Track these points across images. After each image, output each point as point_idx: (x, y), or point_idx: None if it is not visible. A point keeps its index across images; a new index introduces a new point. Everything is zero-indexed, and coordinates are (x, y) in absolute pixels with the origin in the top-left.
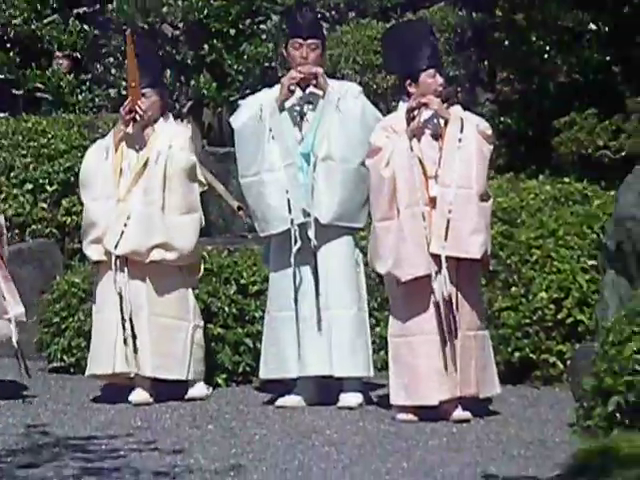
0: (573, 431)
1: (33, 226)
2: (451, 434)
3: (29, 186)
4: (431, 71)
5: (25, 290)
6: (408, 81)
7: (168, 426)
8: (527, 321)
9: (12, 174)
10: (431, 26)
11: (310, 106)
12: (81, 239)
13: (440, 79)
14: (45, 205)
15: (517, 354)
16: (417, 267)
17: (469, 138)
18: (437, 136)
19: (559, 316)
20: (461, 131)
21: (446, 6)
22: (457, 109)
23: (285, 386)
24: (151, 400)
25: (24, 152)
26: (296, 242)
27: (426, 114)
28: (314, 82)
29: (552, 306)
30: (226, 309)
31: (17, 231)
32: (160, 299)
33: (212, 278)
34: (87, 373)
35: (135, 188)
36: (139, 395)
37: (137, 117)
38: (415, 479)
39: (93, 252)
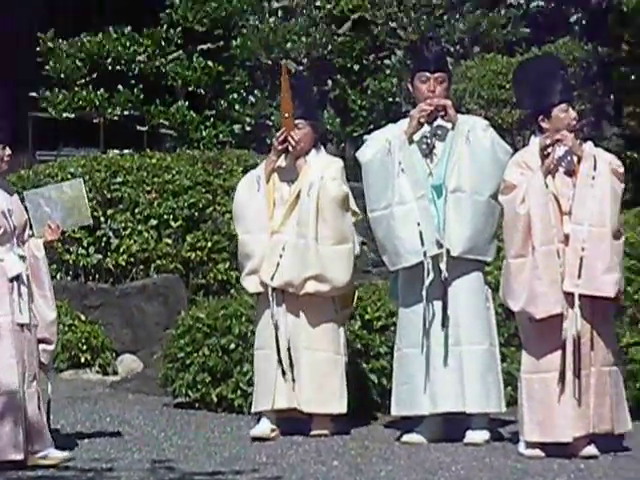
0: None
1: (158, 262)
2: (579, 470)
3: (153, 222)
4: (563, 105)
5: (150, 325)
6: (541, 116)
7: (293, 462)
8: None
9: (137, 210)
10: (562, 61)
11: (438, 138)
12: (239, 269)
13: (573, 113)
14: (169, 241)
15: None
16: (552, 305)
17: (602, 176)
18: (570, 172)
19: None
20: (594, 168)
21: (571, 41)
22: (589, 145)
23: (411, 422)
24: (273, 435)
25: (148, 188)
26: (428, 275)
27: (560, 150)
28: (442, 114)
29: None
30: (351, 344)
31: (142, 267)
32: (315, 332)
33: None
34: (252, 410)
35: (288, 220)
36: (261, 429)
37: (290, 148)
38: None
39: (250, 284)
